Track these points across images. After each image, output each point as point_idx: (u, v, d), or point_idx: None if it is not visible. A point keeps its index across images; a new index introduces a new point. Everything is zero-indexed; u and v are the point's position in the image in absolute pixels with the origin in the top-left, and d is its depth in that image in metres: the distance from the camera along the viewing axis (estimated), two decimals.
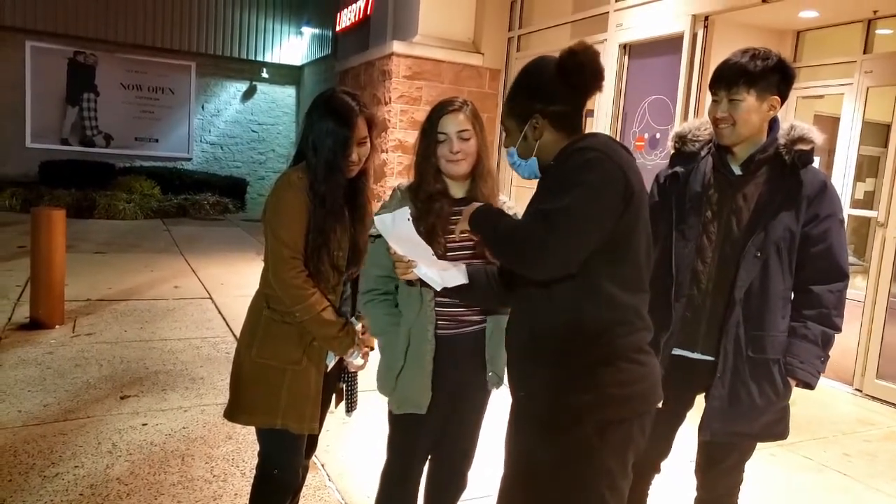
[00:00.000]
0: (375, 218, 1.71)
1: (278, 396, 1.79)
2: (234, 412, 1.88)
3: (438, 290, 1.69)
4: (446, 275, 1.66)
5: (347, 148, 1.75)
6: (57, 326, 4.57)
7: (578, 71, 1.45)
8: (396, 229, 1.65)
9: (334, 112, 1.76)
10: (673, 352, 1.89)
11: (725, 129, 1.80)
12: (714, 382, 1.82)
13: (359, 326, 1.90)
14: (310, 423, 1.82)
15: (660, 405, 1.51)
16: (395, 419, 1.90)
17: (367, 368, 1.98)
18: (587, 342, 1.42)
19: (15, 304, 5.02)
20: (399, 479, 1.93)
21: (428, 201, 1.80)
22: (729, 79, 1.77)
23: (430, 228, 1.77)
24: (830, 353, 1.87)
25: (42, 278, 4.56)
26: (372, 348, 1.99)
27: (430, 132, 1.80)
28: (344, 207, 1.82)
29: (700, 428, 1.86)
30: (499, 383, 1.90)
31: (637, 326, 1.47)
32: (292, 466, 1.90)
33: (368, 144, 1.83)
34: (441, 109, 1.81)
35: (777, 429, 1.89)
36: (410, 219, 1.67)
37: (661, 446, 2.00)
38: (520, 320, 1.55)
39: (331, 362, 1.87)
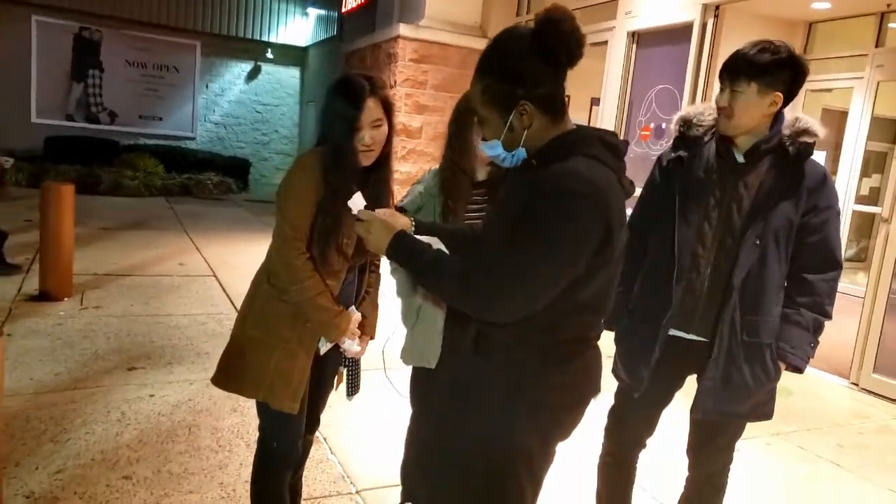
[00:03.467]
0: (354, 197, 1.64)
1: (265, 371, 1.79)
2: (219, 378, 1.89)
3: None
4: None
5: (356, 130, 1.72)
6: (65, 299, 4.62)
7: (563, 43, 1.26)
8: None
9: (344, 92, 1.75)
10: (669, 332, 1.93)
11: (723, 119, 1.83)
12: (708, 364, 1.86)
13: (357, 316, 1.89)
14: (290, 402, 1.80)
15: (597, 398, 1.46)
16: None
17: (370, 350, 2.01)
18: (535, 338, 1.35)
19: (24, 277, 5.07)
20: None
21: (458, 184, 1.93)
22: (734, 69, 1.79)
23: (453, 209, 1.87)
24: (825, 344, 1.92)
25: (51, 252, 4.61)
26: (372, 337, 2.00)
27: (469, 118, 1.90)
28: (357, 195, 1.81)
29: (693, 407, 1.91)
30: None
31: (590, 333, 1.40)
32: (290, 440, 1.91)
33: (385, 127, 1.78)
34: None
35: (765, 409, 1.95)
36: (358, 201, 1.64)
37: (648, 423, 2.04)
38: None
39: (323, 347, 1.87)
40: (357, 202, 1.50)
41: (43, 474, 2.41)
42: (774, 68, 1.74)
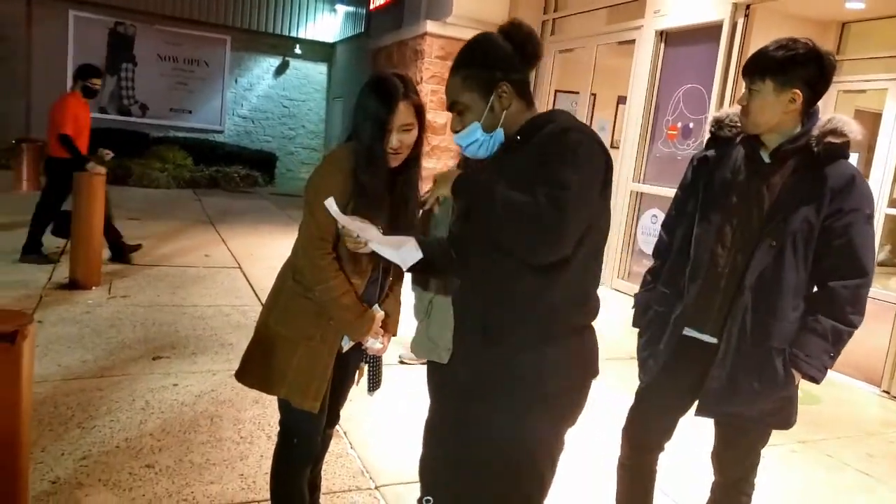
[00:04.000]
0: (327, 201, 1.66)
1: (287, 368, 1.80)
2: (243, 373, 1.91)
3: (405, 269, 1.67)
4: (404, 252, 1.60)
5: (386, 132, 1.72)
6: (94, 288, 4.74)
7: (527, 39, 1.51)
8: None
9: (377, 92, 1.74)
10: (685, 332, 1.90)
11: (742, 117, 1.81)
12: (715, 363, 1.83)
13: (380, 314, 1.89)
14: (312, 400, 1.80)
15: (595, 378, 1.55)
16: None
17: (390, 347, 2.02)
18: (539, 318, 1.45)
19: (55, 265, 5.21)
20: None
21: None
22: (751, 67, 1.77)
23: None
24: (856, 351, 1.84)
25: (82, 241, 4.73)
26: (395, 334, 2.00)
27: None
28: (386, 196, 1.79)
29: (697, 406, 1.89)
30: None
31: (586, 306, 1.51)
32: (310, 436, 1.92)
33: (415, 132, 1.78)
34: None
35: (777, 418, 1.87)
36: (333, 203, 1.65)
37: (665, 426, 2.02)
38: (474, 292, 1.54)
39: (346, 344, 1.88)
40: (329, 204, 1.59)
41: (69, 460, 2.48)
42: (789, 65, 1.70)
